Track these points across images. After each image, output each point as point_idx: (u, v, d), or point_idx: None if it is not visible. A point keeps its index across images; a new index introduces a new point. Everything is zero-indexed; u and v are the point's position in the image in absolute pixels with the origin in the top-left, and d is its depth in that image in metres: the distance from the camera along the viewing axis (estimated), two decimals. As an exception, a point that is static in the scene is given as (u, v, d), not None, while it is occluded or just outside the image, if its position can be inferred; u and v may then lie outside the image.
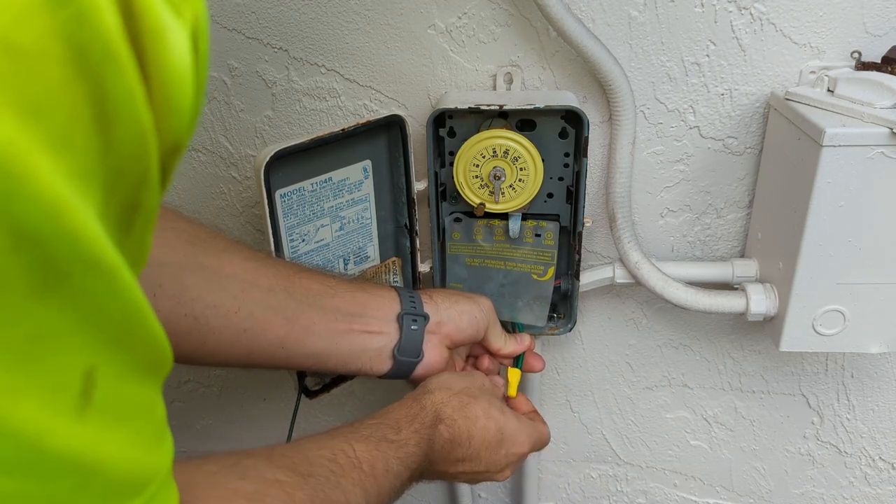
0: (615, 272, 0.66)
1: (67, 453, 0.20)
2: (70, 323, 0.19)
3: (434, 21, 0.60)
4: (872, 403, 0.74)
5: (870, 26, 0.57)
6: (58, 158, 0.17)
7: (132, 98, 0.19)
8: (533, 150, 0.58)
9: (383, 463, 0.44)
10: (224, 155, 0.69)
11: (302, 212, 0.58)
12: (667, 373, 0.76)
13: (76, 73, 0.17)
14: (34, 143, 0.16)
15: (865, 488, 0.79)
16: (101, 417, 0.21)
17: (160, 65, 0.19)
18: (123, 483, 0.23)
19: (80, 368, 0.20)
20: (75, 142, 0.17)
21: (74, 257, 0.18)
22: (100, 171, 0.18)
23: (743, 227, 0.67)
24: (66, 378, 0.19)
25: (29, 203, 0.16)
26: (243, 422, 0.86)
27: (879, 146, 0.49)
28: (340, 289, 0.53)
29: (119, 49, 0.18)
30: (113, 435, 0.22)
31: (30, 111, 0.16)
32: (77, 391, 0.20)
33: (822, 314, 0.56)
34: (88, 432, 0.20)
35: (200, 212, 0.72)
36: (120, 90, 0.18)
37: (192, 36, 0.20)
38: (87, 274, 0.19)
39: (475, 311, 0.58)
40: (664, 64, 0.60)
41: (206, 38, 0.21)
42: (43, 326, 0.18)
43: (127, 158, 0.19)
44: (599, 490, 0.85)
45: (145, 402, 0.24)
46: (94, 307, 0.20)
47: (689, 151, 0.63)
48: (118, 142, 0.19)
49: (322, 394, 0.62)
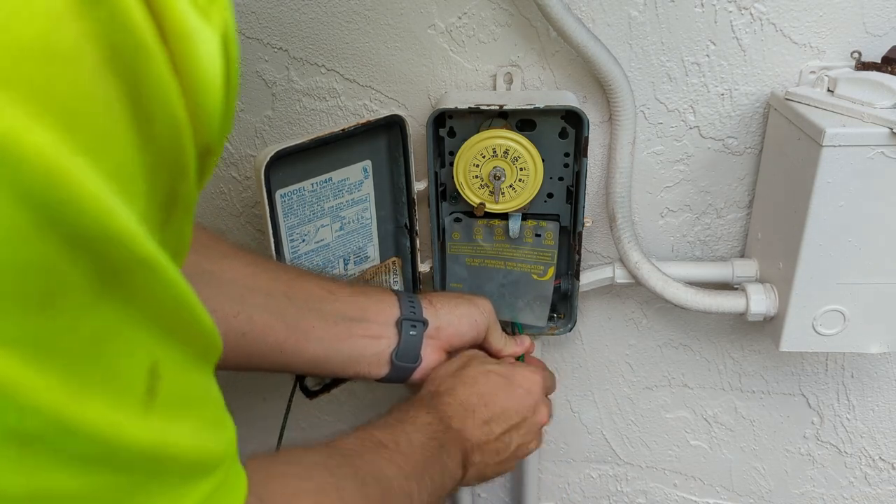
0: (615, 272, 0.66)
1: (137, 446, 0.20)
2: (130, 320, 0.19)
3: (434, 21, 0.60)
4: (872, 403, 0.74)
5: (870, 26, 0.57)
6: (99, 161, 0.17)
7: (167, 94, 0.19)
8: (533, 150, 0.58)
9: (405, 437, 0.46)
10: (224, 155, 0.69)
11: (302, 212, 0.58)
12: (667, 373, 0.76)
13: (112, 74, 0.17)
14: (76, 149, 0.16)
15: (865, 488, 0.79)
16: (166, 409, 0.21)
17: (190, 68, 0.19)
18: (193, 467, 0.24)
19: (144, 364, 0.20)
20: (114, 142, 0.18)
21: (125, 256, 0.18)
22: (140, 167, 0.19)
23: (743, 227, 0.67)
24: (132, 375, 0.20)
25: (77, 211, 0.16)
26: (243, 422, 0.86)
27: (879, 146, 0.49)
28: (341, 293, 0.53)
29: (152, 47, 0.18)
30: (179, 424, 0.22)
31: (70, 117, 0.16)
32: (143, 386, 0.20)
33: (822, 314, 0.56)
34: (156, 425, 0.21)
35: (200, 212, 0.72)
36: (155, 87, 0.18)
37: (222, 41, 0.20)
38: (137, 271, 0.19)
39: (475, 314, 0.58)
40: (664, 64, 0.60)
41: (236, 43, 0.21)
42: (105, 327, 0.19)
43: (165, 151, 0.20)
44: (599, 490, 0.85)
45: (204, 389, 0.25)
46: (150, 302, 0.20)
47: (689, 151, 0.63)
48: (156, 137, 0.19)
49: (322, 394, 0.62)
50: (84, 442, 0.19)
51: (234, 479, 0.27)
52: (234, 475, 0.27)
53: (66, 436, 0.18)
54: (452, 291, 0.64)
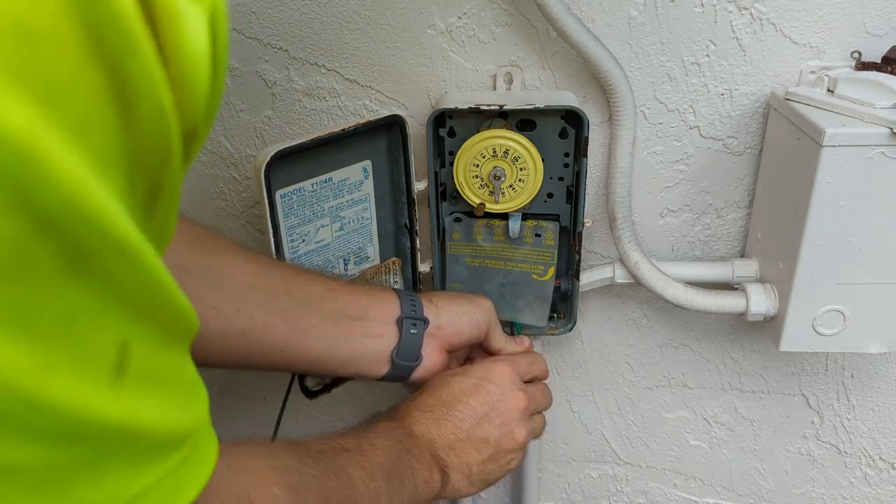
0: (615, 272, 0.66)
1: (104, 422, 0.21)
2: (101, 300, 0.19)
3: (434, 21, 0.60)
4: (872, 403, 0.74)
5: (870, 26, 0.57)
6: (77, 141, 0.17)
7: (151, 77, 0.19)
8: (533, 150, 0.58)
9: (367, 442, 0.46)
10: (224, 155, 0.69)
11: (302, 212, 0.58)
12: (667, 373, 0.76)
13: (93, 54, 0.17)
14: (53, 127, 0.16)
15: (865, 488, 0.79)
16: (135, 386, 0.22)
17: (176, 48, 0.19)
18: (162, 441, 0.24)
19: (113, 343, 0.21)
20: (95, 123, 0.18)
21: (98, 239, 0.18)
22: (122, 150, 0.19)
23: (743, 227, 0.67)
24: (100, 352, 0.20)
25: (50, 189, 0.16)
26: (243, 422, 0.86)
27: (879, 146, 0.49)
28: (342, 291, 0.53)
29: (135, 29, 0.18)
30: (148, 401, 0.23)
31: (47, 95, 0.16)
32: (112, 364, 0.21)
33: (822, 314, 0.56)
34: (124, 401, 0.21)
35: (200, 212, 0.72)
36: (138, 69, 0.18)
37: (210, 22, 0.20)
38: (112, 254, 0.19)
39: (476, 313, 0.58)
40: (664, 64, 0.60)
41: (225, 24, 0.21)
42: (75, 305, 0.19)
43: (149, 136, 0.20)
44: (599, 490, 0.85)
45: (176, 366, 0.25)
46: (123, 285, 0.20)
47: (689, 151, 0.63)
48: (139, 121, 0.19)
49: (322, 394, 0.62)
50: (50, 417, 0.19)
51: (204, 446, 0.27)
52: (206, 443, 0.28)
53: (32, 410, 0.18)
54: (453, 290, 0.64)
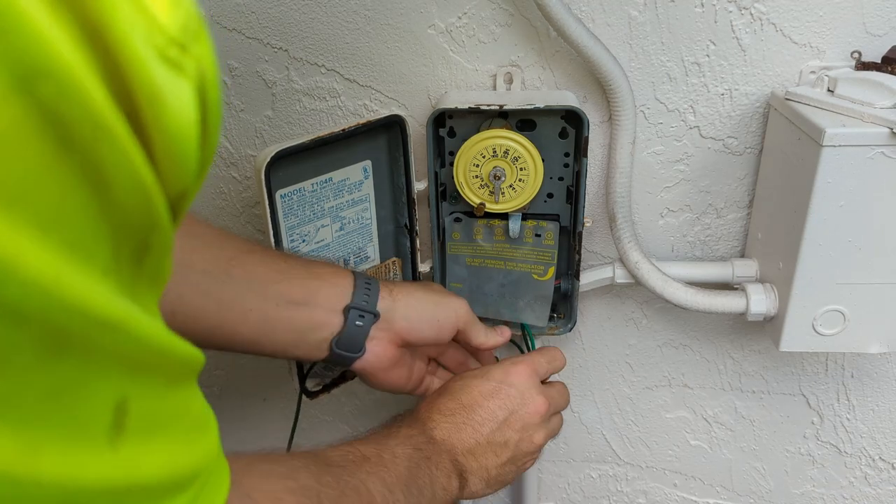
0: (615, 272, 0.66)
1: (103, 484, 0.20)
2: (89, 372, 0.19)
3: (434, 21, 0.60)
4: (872, 403, 0.74)
5: (870, 26, 0.57)
6: (49, 235, 0.17)
7: (128, 160, 0.18)
8: (533, 150, 0.58)
9: (389, 451, 0.45)
10: (224, 155, 0.69)
11: (302, 212, 0.58)
12: (667, 373, 0.76)
13: (62, 150, 0.17)
14: (19, 226, 0.16)
15: (865, 488, 0.79)
16: (136, 439, 0.21)
17: (159, 128, 0.19)
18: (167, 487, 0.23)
19: (109, 404, 0.20)
20: (68, 213, 0.17)
21: (80, 322, 0.18)
22: (102, 229, 0.18)
23: (743, 227, 0.67)
24: (94, 417, 0.20)
25: (20, 286, 0.16)
26: (243, 422, 0.86)
27: (879, 146, 0.49)
28: (291, 273, 0.51)
29: (107, 119, 0.17)
30: (150, 449, 0.22)
31: (11, 197, 0.16)
32: (108, 424, 0.20)
33: (822, 314, 0.56)
34: (124, 457, 0.21)
35: (200, 212, 0.72)
36: (113, 156, 0.18)
37: (198, 89, 0.20)
38: (97, 332, 0.18)
39: (439, 314, 0.55)
40: (664, 64, 0.60)
41: (216, 88, 0.21)
42: (61, 382, 0.18)
43: (132, 211, 0.19)
44: (599, 490, 0.85)
45: (181, 404, 0.24)
46: (112, 355, 0.20)
47: (689, 151, 0.63)
48: (118, 201, 0.19)
49: (322, 394, 0.62)
50: (38, 494, 0.18)
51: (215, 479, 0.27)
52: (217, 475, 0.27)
53: (19, 491, 0.18)
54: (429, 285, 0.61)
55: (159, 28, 0.18)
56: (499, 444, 0.52)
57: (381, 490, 0.42)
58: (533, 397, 0.54)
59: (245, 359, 0.81)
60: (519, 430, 0.53)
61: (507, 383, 0.53)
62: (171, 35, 0.18)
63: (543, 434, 0.54)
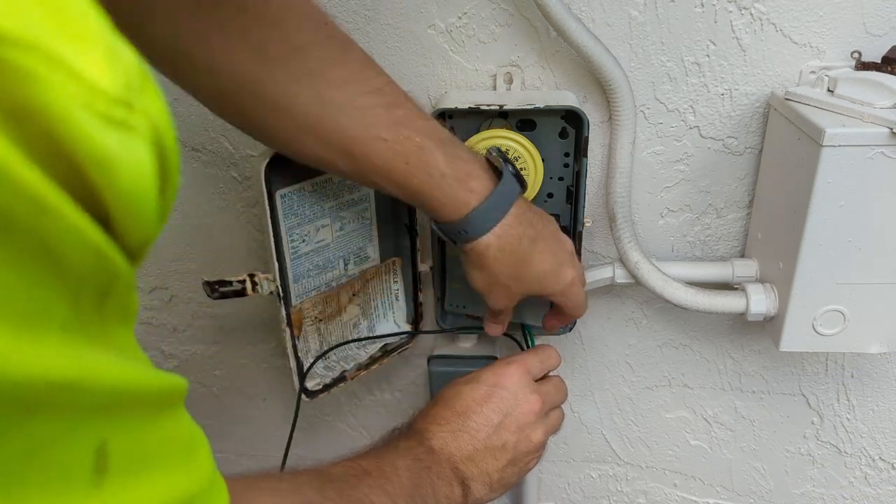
0: (615, 272, 0.66)
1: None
2: (65, 427, 0.18)
3: (434, 21, 0.60)
4: (872, 403, 0.74)
5: (870, 26, 0.57)
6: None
7: (77, 233, 0.18)
8: (533, 150, 0.58)
9: (389, 464, 0.45)
10: (224, 155, 0.69)
11: (302, 212, 0.58)
12: (667, 373, 0.76)
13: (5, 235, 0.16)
14: None
15: (865, 488, 0.79)
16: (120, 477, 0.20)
17: (114, 191, 0.18)
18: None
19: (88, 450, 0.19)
20: (16, 289, 0.17)
21: (44, 389, 0.17)
22: (57, 291, 0.18)
23: (743, 227, 0.67)
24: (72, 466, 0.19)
25: None
26: (243, 422, 0.86)
27: (879, 146, 0.49)
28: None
29: (47, 198, 0.17)
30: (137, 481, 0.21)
31: None
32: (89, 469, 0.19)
33: (822, 314, 0.56)
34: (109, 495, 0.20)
35: (200, 212, 0.72)
36: (60, 233, 0.17)
37: (152, 139, 0.19)
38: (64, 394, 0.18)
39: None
40: (664, 64, 0.60)
41: (170, 133, 0.20)
42: (37, 439, 0.18)
43: (86, 275, 0.19)
44: (599, 490, 0.85)
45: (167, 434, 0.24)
46: (86, 408, 0.19)
47: (689, 151, 0.63)
48: (72, 268, 0.18)
49: (322, 394, 0.62)
50: None
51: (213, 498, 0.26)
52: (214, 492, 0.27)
53: None
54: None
55: (99, 93, 0.17)
56: (497, 448, 0.52)
57: (385, 502, 0.42)
58: (526, 396, 0.53)
59: (245, 359, 0.81)
60: (515, 432, 0.53)
61: (499, 386, 0.53)
62: (114, 96, 0.18)
63: (541, 431, 0.54)
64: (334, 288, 0.63)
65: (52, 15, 0.16)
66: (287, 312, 0.58)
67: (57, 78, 0.16)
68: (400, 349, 0.68)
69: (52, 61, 0.16)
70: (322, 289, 0.61)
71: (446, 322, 0.68)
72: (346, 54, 0.45)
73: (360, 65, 0.46)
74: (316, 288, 0.61)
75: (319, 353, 0.63)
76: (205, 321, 0.79)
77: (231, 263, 0.75)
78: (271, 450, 0.88)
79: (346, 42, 0.46)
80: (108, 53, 0.17)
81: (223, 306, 0.78)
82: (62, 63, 0.16)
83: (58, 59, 0.16)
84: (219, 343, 0.81)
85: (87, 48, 0.17)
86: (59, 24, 0.16)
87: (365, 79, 0.45)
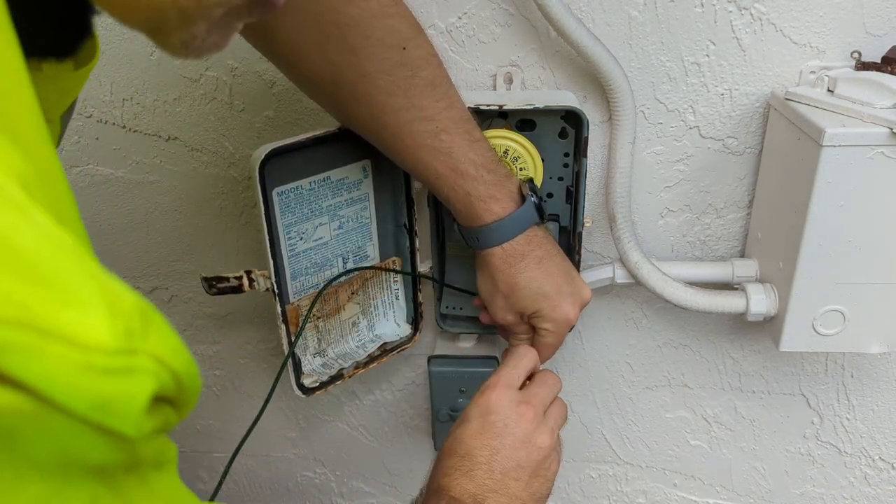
0: (615, 272, 0.66)
1: None
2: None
3: (434, 21, 0.60)
4: (872, 403, 0.74)
5: (870, 26, 0.57)
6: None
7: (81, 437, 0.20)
8: (533, 150, 0.58)
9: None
10: (224, 155, 0.69)
11: (300, 210, 0.58)
12: (667, 373, 0.75)
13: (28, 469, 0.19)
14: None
15: (865, 488, 0.79)
16: None
17: (107, 426, 0.20)
18: None
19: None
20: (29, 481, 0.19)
21: None
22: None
23: (743, 227, 0.67)
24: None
25: None
26: (243, 422, 0.86)
27: (879, 146, 0.49)
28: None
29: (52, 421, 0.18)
30: None
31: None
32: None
33: (822, 314, 0.56)
34: None
35: (201, 212, 0.72)
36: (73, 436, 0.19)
37: (157, 373, 0.20)
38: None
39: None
40: (664, 64, 0.60)
41: (183, 357, 0.22)
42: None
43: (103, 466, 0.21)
44: (599, 490, 0.85)
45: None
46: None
47: (689, 151, 0.63)
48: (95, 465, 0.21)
49: (318, 391, 0.62)
50: None
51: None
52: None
53: None
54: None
55: (97, 349, 0.18)
56: (513, 469, 0.52)
57: None
58: (514, 410, 0.53)
59: (245, 359, 0.81)
60: (522, 447, 0.52)
61: (487, 413, 0.53)
62: (113, 347, 0.19)
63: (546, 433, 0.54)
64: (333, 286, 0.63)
65: (43, 289, 0.17)
66: (283, 309, 0.58)
67: (51, 348, 0.17)
68: (399, 348, 0.68)
69: (44, 333, 0.17)
70: (320, 286, 0.61)
71: (445, 324, 0.68)
72: (411, 80, 0.51)
73: (419, 91, 0.52)
74: (314, 285, 0.61)
75: (317, 350, 0.63)
76: (205, 321, 0.79)
77: (231, 263, 0.75)
78: (271, 450, 0.88)
79: (414, 67, 0.51)
80: (105, 308, 0.19)
81: (223, 306, 0.78)
82: (54, 333, 0.17)
83: (49, 330, 0.17)
84: (219, 343, 0.81)
85: (82, 311, 0.18)
86: (51, 296, 0.18)
87: (419, 108, 0.52)
